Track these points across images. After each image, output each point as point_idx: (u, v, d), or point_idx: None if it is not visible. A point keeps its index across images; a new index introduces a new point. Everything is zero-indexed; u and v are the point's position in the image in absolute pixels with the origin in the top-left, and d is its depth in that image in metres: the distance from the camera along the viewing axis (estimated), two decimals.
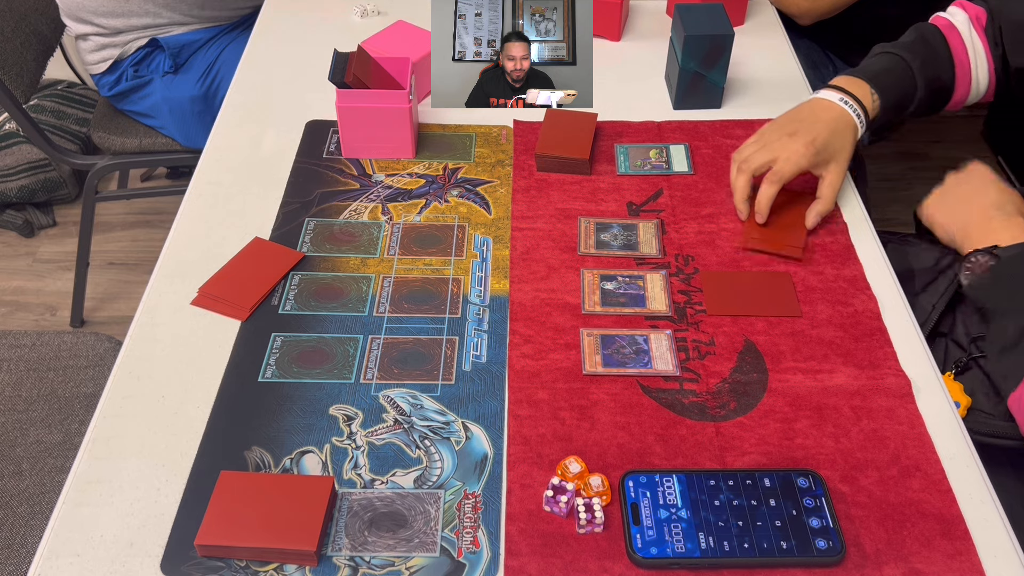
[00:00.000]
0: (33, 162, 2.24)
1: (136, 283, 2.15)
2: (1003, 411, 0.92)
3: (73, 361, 1.22)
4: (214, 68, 1.69)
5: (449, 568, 0.73)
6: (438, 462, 0.80)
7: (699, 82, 1.21)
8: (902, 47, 1.11)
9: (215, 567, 0.73)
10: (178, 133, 1.76)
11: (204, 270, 0.98)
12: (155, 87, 1.71)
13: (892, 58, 1.10)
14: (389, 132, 1.12)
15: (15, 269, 2.20)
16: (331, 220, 1.05)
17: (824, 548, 0.72)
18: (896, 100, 1.09)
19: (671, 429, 0.83)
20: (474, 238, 1.03)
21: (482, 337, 0.92)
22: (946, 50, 1.12)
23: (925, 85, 1.10)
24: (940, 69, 1.11)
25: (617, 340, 0.91)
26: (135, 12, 1.64)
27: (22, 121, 1.67)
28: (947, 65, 1.12)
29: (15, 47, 1.62)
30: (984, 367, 0.96)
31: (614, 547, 0.74)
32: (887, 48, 1.12)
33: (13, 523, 1.04)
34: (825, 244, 1.02)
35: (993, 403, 0.93)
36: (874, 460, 0.80)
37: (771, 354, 0.90)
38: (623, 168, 1.13)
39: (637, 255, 1.01)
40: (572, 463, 0.78)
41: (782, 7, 1.49)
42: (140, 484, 0.79)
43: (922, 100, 1.11)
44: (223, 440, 0.82)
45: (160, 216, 2.33)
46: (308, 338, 0.91)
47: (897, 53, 1.10)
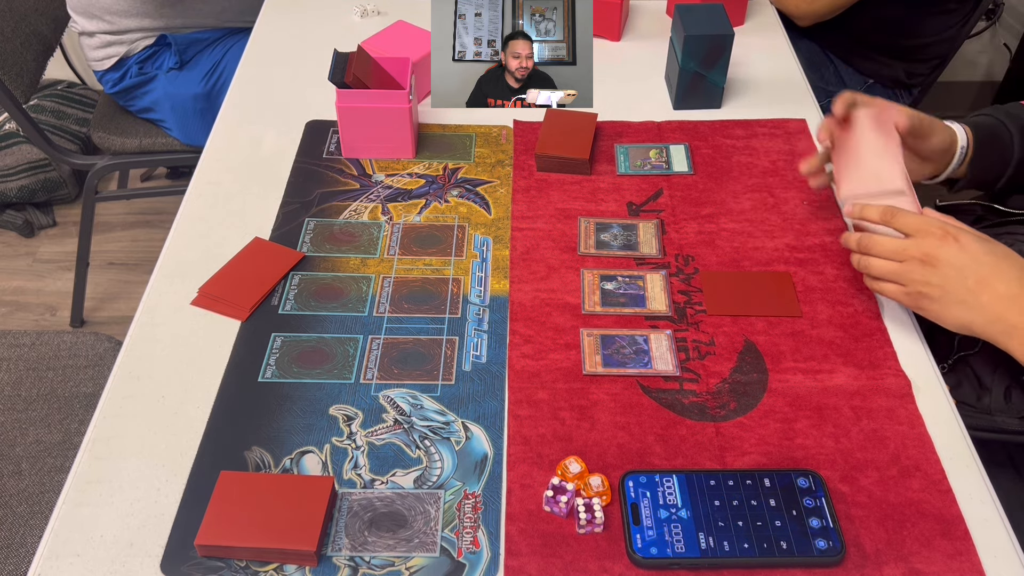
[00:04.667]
0: (33, 162, 2.24)
1: (136, 283, 2.15)
2: (986, 405, 0.92)
3: (73, 361, 1.22)
4: (219, 67, 1.70)
5: (449, 568, 0.73)
6: (438, 462, 0.80)
7: (699, 82, 1.21)
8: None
9: (215, 567, 0.73)
10: (179, 130, 1.76)
11: (204, 270, 0.98)
12: (159, 83, 1.71)
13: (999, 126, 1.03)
14: (389, 132, 1.12)
15: (15, 269, 2.20)
16: (331, 220, 1.05)
17: (824, 548, 0.72)
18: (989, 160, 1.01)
19: (671, 429, 0.83)
20: (474, 238, 1.03)
21: (482, 337, 0.92)
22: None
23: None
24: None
25: (617, 340, 0.91)
26: (150, 14, 1.65)
27: (22, 121, 1.67)
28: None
29: (15, 47, 1.62)
30: (971, 363, 0.96)
31: (614, 547, 0.74)
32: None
33: (12, 523, 1.04)
34: (825, 244, 1.02)
35: (977, 396, 0.93)
36: (874, 460, 0.80)
37: (771, 354, 0.90)
38: (623, 168, 1.13)
39: (637, 255, 1.01)
40: (572, 463, 0.78)
41: (782, 7, 1.49)
42: (140, 484, 0.79)
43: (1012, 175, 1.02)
44: (223, 440, 0.82)
45: (160, 216, 2.33)
46: (308, 338, 0.91)
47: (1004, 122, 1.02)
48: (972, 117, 1.04)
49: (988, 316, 0.82)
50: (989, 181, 1.03)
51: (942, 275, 0.83)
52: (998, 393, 0.92)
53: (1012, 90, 2.45)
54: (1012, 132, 1.01)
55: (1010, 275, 0.81)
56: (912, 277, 0.85)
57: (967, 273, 0.82)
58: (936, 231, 0.84)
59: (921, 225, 0.85)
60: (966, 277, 0.82)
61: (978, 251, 0.82)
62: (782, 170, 1.13)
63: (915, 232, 0.85)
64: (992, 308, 0.81)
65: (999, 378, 0.93)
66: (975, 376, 0.95)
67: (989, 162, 1.01)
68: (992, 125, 1.02)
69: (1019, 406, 0.90)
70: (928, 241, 0.84)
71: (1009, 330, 0.81)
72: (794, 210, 1.07)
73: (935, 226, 0.84)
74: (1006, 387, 0.92)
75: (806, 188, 1.09)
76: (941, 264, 0.83)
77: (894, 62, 1.67)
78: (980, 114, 1.05)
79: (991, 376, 0.93)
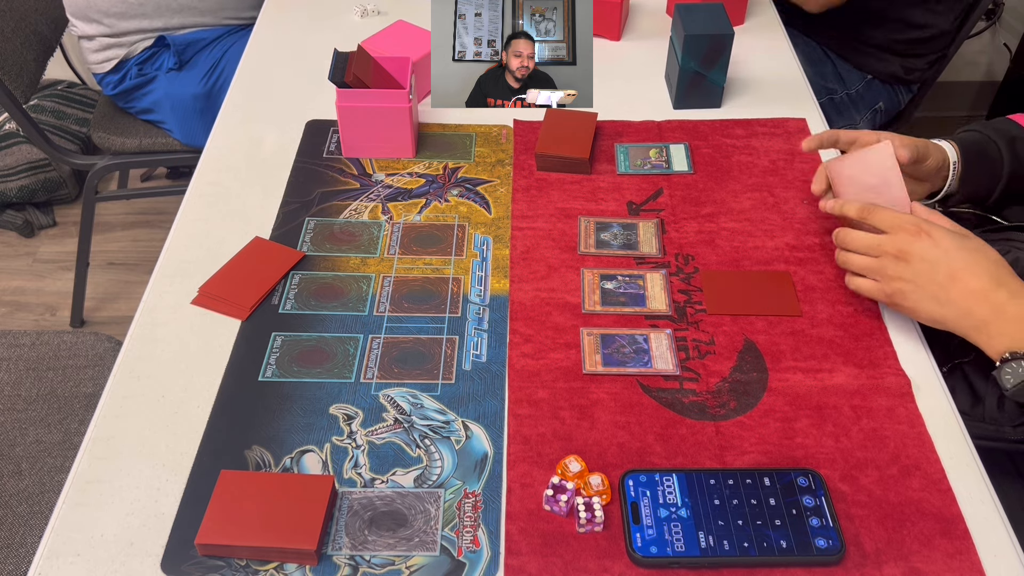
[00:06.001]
0: (33, 162, 2.24)
1: (136, 283, 2.15)
2: (979, 414, 0.92)
3: (73, 361, 1.22)
4: (219, 66, 1.70)
5: (449, 567, 0.73)
6: (438, 461, 0.80)
7: (699, 82, 1.21)
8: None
9: (215, 566, 0.73)
10: (179, 130, 1.76)
11: (204, 270, 0.98)
12: (159, 84, 1.71)
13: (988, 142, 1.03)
14: (389, 132, 1.12)
15: (15, 269, 2.20)
16: (331, 220, 1.05)
17: (824, 547, 0.72)
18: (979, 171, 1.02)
19: (671, 428, 0.83)
20: (474, 237, 1.03)
21: (482, 336, 0.92)
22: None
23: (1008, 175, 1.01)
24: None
25: (617, 339, 0.91)
26: (148, 15, 1.65)
27: (22, 121, 1.67)
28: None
29: (15, 47, 1.62)
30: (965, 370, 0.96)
31: (614, 546, 0.74)
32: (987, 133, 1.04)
33: (12, 523, 1.04)
34: (825, 244, 1.02)
35: (972, 404, 0.93)
36: (874, 459, 0.80)
37: (771, 353, 0.90)
38: (623, 168, 1.13)
39: (637, 254, 1.01)
40: (572, 462, 0.78)
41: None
42: (140, 484, 0.79)
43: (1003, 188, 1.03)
44: (223, 439, 0.82)
45: (160, 216, 2.33)
46: (308, 337, 0.91)
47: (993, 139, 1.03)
48: (959, 134, 1.05)
49: (958, 311, 0.82)
50: (981, 195, 1.04)
51: (914, 270, 0.84)
52: (991, 401, 0.92)
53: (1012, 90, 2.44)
54: (1000, 146, 1.02)
55: (980, 269, 0.82)
56: (886, 272, 0.86)
57: (939, 268, 0.83)
58: (910, 227, 0.85)
59: (896, 221, 0.86)
60: (937, 272, 0.83)
61: (950, 246, 0.83)
62: (782, 170, 1.13)
63: (890, 228, 0.86)
64: (962, 303, 0.82)
65: (993, 386, 0.92)
66: (969, 384, 0.95)
67: (979, 177, 1.02)
68: (980, 141, 1.03)
69: (1012, 414, 0.90)
70: (901, 236, 0.85)
71: (978, 324, 0.81)
72: (794, 210, 1.07)
73: (909, 222, 0.85)
74: (999, 395, 0.92)
75: (806, 188, 1.09)
76: (913, 259, 0.84)
77: (891, 57, 1.66)
78: (967, 130, 1.05)
79: (984, 384, 0.93)
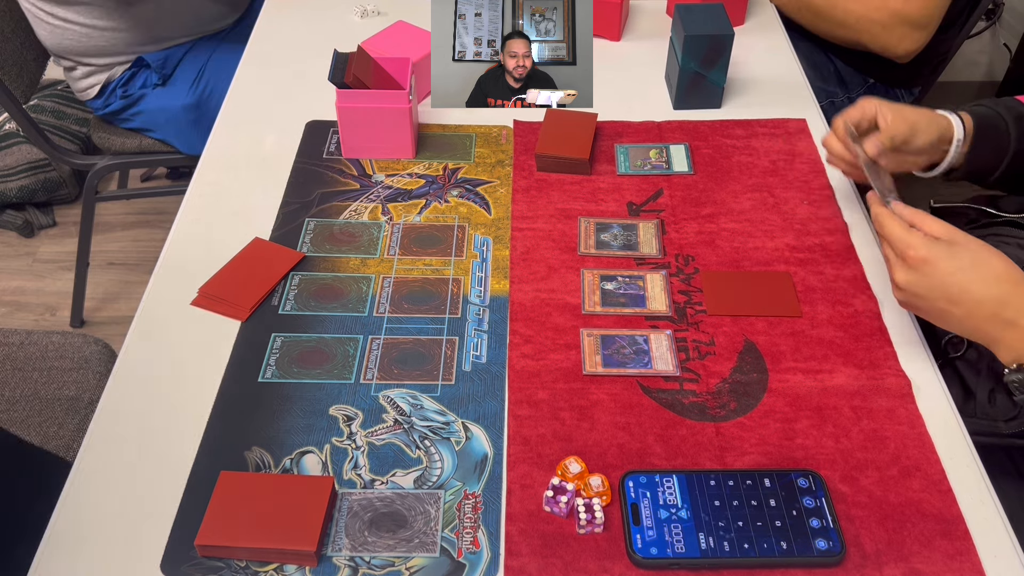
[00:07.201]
0: (33, 162, 2.24)
1: (136, 283, 2.15)
2: (971, 409, 0.92)
3: (58, 363, 1.19)
4: (203, 74, 1.70)
5: (449, 568, 0.73)
6: (438, 462, 0.80)
7: (699, 82, 1.21)
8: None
9: (215, 567, 0.73)
10: (178, 142, 1.77)
11: (204, 270, 0.98)
12: (147, 102, 1.72)
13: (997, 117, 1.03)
14: (389, 132, 1.12)
15: (15, 269, 2.20)
16: (331, 220, 1.05)
17: (824, 548, 0.72)
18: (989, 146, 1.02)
19: (671, 429, 0.83)
20: (474, 238, 1.03)
21: (482, 337, 0.92)
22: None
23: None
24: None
25: (617, 340, 0.91)
26: (121, 52, 1.66)
27: (22, 121, 1.67)
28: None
29: (15, 47, 1.62)
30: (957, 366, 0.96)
31: (614, 547, 0.74)
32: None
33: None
34: (825, 244, 1.02)
35: (963, 400, 0.93)
36: (874, 460, 0.80)
37: (771, 354, 0.90)
38: (623, 168, 1.13)
39: (637, 255, 1.01)
40: (572, 463, 0.78)
41: (878, 48, 1.47)
42: (140, 484, 0.79)
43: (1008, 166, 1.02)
44: (223, 440, 0.82)
45: (160, 216, 2.33)
46: (308, 338, 0.91)
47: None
48: (971, 107, 1.05)
49: (966, 332, 0.84)
50: (984, 172, 1.04)
51: (915, 293, 0.85)
52: (983, 396, 0.92)
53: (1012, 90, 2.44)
54: (1008, 123, 1.02)
55: (981, 293, 0.81)
56: (896, 279, 0.86)
57: (936, 295, 0.83)
58: (909, 256, 0.84)
59: (899, 246, 0.85)
60: (936, 300, 0.83)
61: (947, 269, 0.82)
62: (782, 170, 1.13)
63: (894, 245, 0.85)
64: (968, 323, 0.82)
65: (983, 381, 0.93)
66: (960, 379, 0.95)
67: (986, 152, 1.02)
68: (990, 115, 1.03)
69: (1004, 409, 0.91)
70: (908, 255, 0.84)
71: (989, 341, 0.82)
72: (794, 210, 1.07)
73: (910, 249, 0.84)
74: (990, 390, 0.92)
75: (806, 188, 1.09)
76: (907, 291, 0.85)
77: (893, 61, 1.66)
78: (978, 104, 1.05)
79: (975, 379, 0.93)
